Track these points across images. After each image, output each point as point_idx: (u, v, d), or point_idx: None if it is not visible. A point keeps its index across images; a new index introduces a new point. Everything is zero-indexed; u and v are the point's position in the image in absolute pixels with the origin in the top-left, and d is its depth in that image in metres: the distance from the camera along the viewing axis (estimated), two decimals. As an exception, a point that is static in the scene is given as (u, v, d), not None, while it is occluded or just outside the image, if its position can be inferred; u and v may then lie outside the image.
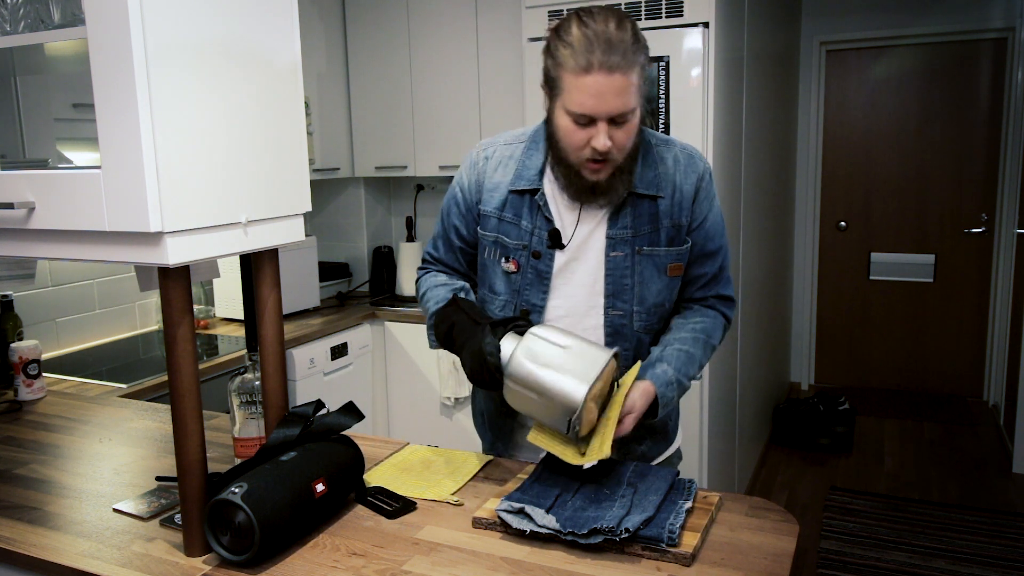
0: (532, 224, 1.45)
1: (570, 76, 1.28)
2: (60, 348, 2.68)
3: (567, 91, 1.30)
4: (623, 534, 1.15)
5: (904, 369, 4.85)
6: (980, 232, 4.56)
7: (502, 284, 1.49)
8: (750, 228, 3.39)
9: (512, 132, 1.55)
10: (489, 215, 1.49)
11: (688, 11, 2.57)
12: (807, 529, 3.22)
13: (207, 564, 1.17)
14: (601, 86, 1.26)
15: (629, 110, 1.30)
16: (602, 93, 1.27)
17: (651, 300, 1.46)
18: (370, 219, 3.87)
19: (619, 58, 1.25)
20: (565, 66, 1.29)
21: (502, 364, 1.28)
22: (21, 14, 1.21)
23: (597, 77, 1.26)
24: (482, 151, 1.53)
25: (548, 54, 1.34)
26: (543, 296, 1.46)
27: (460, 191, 1.53)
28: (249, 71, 1.19)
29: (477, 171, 1.51)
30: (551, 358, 1.26)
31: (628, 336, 1.47)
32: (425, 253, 1.63)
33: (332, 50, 3.53)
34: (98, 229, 1.11)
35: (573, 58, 1.27)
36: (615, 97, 1.27)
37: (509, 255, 1.47)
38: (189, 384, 1.16)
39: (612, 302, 1.45)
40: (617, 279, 1.44)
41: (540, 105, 1.46)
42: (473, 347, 1.30)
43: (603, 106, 1.28)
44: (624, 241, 1.43)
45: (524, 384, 1.26)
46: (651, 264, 1.44)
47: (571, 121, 1.32)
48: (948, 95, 4.53)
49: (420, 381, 3.37)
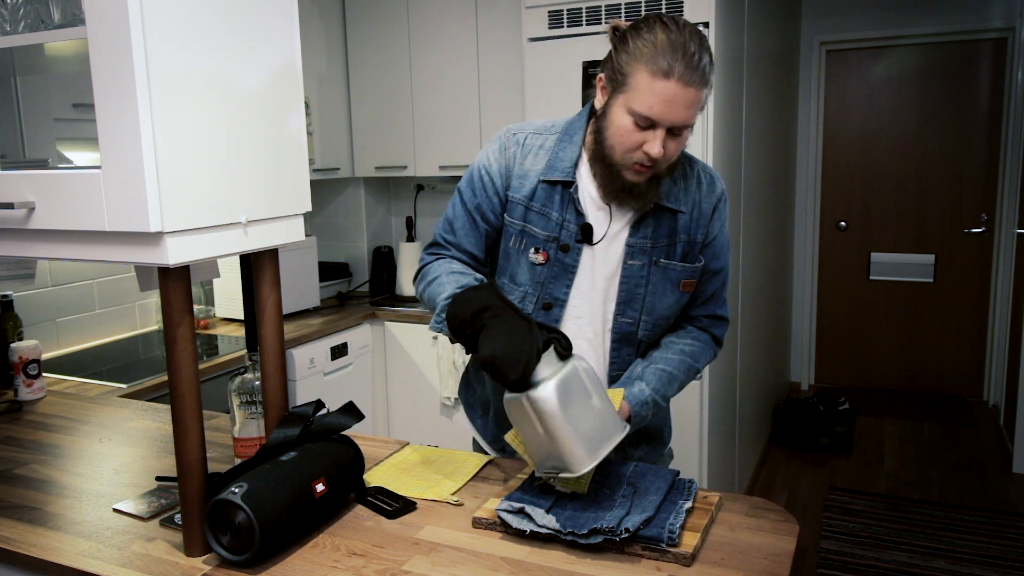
0: (562, 216, 1.43)
1: (646, 76, 1.27)
2: (60, 348, 2.68)
3: (637, 90, 1.28)
4: (623, 534, 1.15)
5: (904, 369, 4.85)
6: (980, 232, 4.56)
7: (526, 275, 1.46)
8: (750, 228, 3.39)
9: (540, 122, 1.52)
10: (517, 202, 1.45)
11: (688, 11, 2.57)
12: (807, 529, 3.22)
13: (207, 564, 1.17)
14: (675, 94, 1.26)
15: (690, 125, 1.31)
16: (674, 101, 1.26)
17: (660, 312, 1.47)
18: (370, 219, 3.87)
19: (699, 74, 1.26)
20: (643, 63, 1.27)
21: (534, 379, 1.19)
22: (21, 14, 1.21)
23: (674, 85, 1.25)
24: (512, 136, 1.49)
25: (623, 48, 1.31)
26: (566, 291, 1.45)
27: (487, 173, 1.47)
28: (249, 71, 1.19)
29: (507, 156, 1.47)
30: (577, 407, 1.20)
31: (632, 342, 1.48)
32: (438, 237, 1.52)
33: (332, 50, 3.53)
34: (98, 229, 1.11)
35: (654, 58, 1.25)
36: (684, 109, 1.27)
37: (539, 246, 1.44)
38: (189, 384, 1.16)
39: (623, 309, 1.45)
40: (631, 287, 1.45)
41: (540, 105, 1.46)
42: (519, 340, 1.17)
43: (670, 114, 1.27)
44: (643, 251, 1.44)
45: (539, 414, 1.19)
46: (665, 277, 1.45)
47: (631, 121, 1.30)
48: (948, 95, 4.53)
49: (420, 381, 3.37)
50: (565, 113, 1.53)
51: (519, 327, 1.19)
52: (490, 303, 1.24)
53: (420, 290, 1.48)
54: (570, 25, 2.76)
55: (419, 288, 1.49)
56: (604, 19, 2.69)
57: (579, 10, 2.73)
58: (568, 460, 1.19)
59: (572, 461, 1.19)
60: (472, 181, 1.49)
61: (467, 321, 1.24)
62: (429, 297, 1.43)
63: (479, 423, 1.66)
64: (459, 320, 1.25)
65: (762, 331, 3.88)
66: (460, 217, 1.49)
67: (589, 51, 2.72)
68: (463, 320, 1.24)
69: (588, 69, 2.71)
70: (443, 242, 1.51)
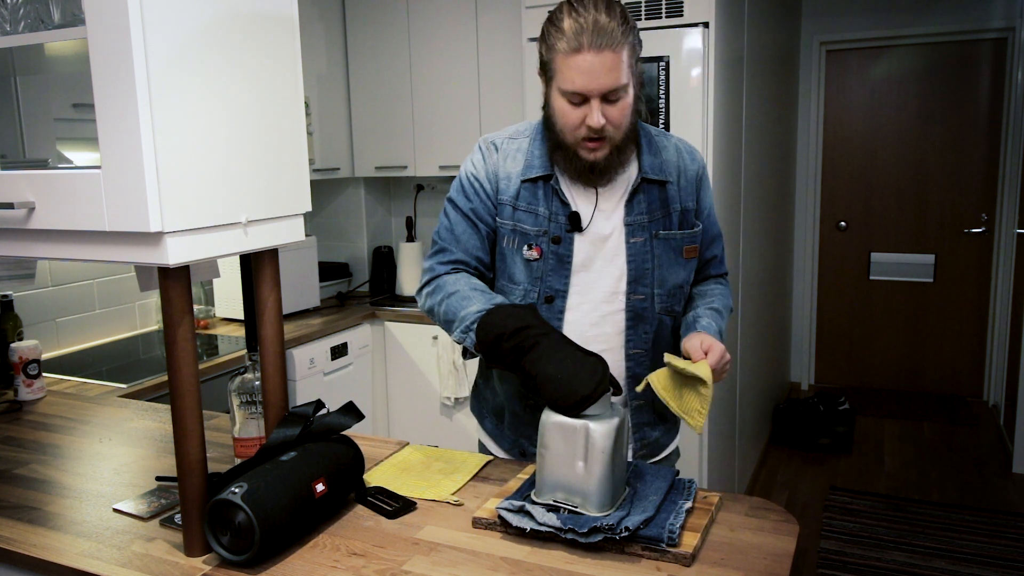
0: (548, 210, 1.46)
1: (561, 57, 1.34)
2: (60, 348, 2.68)
3: (559, 72, 1.36)
4: (623, 533, 1.15)
5: (904, 369, 4.85)
6: (980, 232, 4.56)
7: (522, 272, 1.48)
8: (750, 228, 3.39)
9: (512, 127, 1.57)
10: (505, 204, 1.49)
11: (688, 11, 2.57)
12: (807, 529, 3.22)
13: (207, 564, 1.17)
14: (591, 64, 1.32)
15: (620, 86, 1.34)
16: (592, 70, 1.32)
17: (671, 282, 1.51)
18: (370, 219, 3.87)
19: (607, 38, 1.31)
20: (557, 49, 1.35)
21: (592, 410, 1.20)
22: (21, 14, 1.21)
23: (587, 56, 1.31)
24: (489, 144, 1.53)
25: (542, 41, 1.40)
26: (565, 281, 1.47)
27: (476, 179, 1.50)
28: (249, 71, 1.19)
29: (490, 161, 1.51)
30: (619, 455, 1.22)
31: (649, 319, 1.50)
32: (442, 244, 1.51)
33: (332, 50, 3.53)
34: (98, 229, 1.11)
35: (564, 41, 1.33)
36: (606, 74, 1.32)
37: (531, 242, 1.47)
38: (189, 384, 1.16)
39: (634, 287, 1.48)
40: (639, 264, 1.48)
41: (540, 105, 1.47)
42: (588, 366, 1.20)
43: (594, 83, 1.33)
44: (642, 227, 1.47)
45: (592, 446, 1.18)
46: (668, 247, 1.50)
47: (566, 102, 1.37)
48: (948, 95, 4.53)
49: (420, 381, 3.37)
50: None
51: (583, 353, 1.23)
52: (533, 322, 1.27)
53: (433, 303, 1.46)
54: (570, 25, 2.75)
55: (431, 301, 1.47)
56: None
57: (579, 10, 2.73)
58: (592, 499, 1.20)
59: (596, 502, 1.20)
60: (463, 188, 1.52)
61: (506, 335, 1.25)
62: (448, 309, 1.41)
63: (494, 431, 1.64)
64: (496, 333, 1.26)
65: (762, 331, 3.88)
66: (459, 223, 1.50)
67: (589, 51, 2.71)
68: (501, 334, 1.26)
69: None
70: (449, 247, 1.50)
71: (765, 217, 3.81)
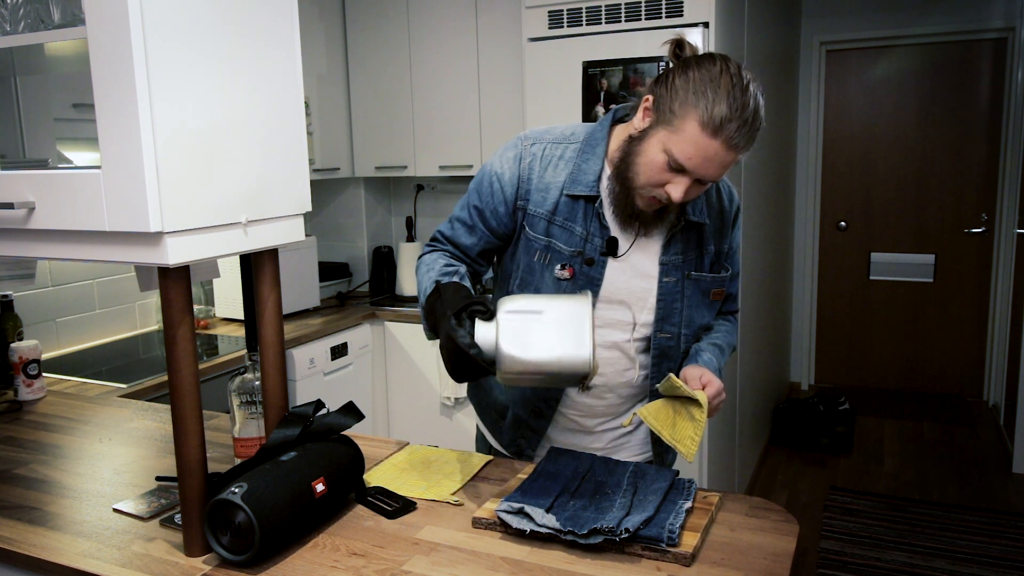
0: (586, 230, 1.42)
1: (695, 125, 1.23)
2: (60, 348, 2.68)
3: (679, 133, 1.25)
4: (623, 534, 1.15)
5: (904, 369, 4.85)
6: (980, 232, 4.56)
7: (551, 289, 1.45)
8: (750, 228, 3.39)
9: (559, 129, 1.48)
10: (539, 216, 1.43)
11: (688, 11, 2.57)
12: (807, 529, 3.22)
13: (207, 564, 1.17)
14: (716, 153, 1.24)
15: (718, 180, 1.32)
16: (712, 160, 1.25)
17: (697, 323, 1.50)
18: (370, 219, 3.87)
19: (745, 140, 1.24)
20: (692, 112, 1.23)
21: (486, 356, 1.19)
22: (21, 14, 1.21)
23: (719, 145, 1.23)
24: (529, 146, 1.45)
25: (680, 81, 1.26)
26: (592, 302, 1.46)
27: (498, 180, 1.45)
28: (249, 71, 1.19)
29: (522, 167, 1.44)
30: (535, 334, 1.19)
31: (674, 357, 1.50)
32: (437, 232, 1.52)
33: (332, 50, 3.53)
34: (98, 229, 1.11)
35: (708, 110, 1.21)
36: (720, 168, 1.27)
37: (565, 263, 1.43)
38: (189, 384, 1.16)
39: (661, 325, 1.46)
40: (668, 304, 1.46)
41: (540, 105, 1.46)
42: (449, 345, 1.19)
43: (704, 169, 1.26)
44: (676, 267, 1.45)
45: (522, 371, 1.19)
46: (697, 289, 1.48)
47: (664, 160, 1.28)
48: (948, 95, 4.53)
49: (420, 381, 3.37)
50: (566, 113, 1.53)
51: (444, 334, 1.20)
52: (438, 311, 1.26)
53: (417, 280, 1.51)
54: (570, 25, 2.76)
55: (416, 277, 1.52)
56: (604, 19, 2.69)
57: (579, 10, 2.73)
58: (574, 369, 1.19)
59: (576, 366, 1.18)
60: (481, 185, 1.47)
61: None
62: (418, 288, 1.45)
63: (495, 428, 1.64)
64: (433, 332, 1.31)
65: (762, 331, 3.88)
66: (463, 216, 1.49)
67: (589, 51, 2.72)
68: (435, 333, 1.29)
69: (588, 69, 2.71)
70: (441, 238, 1.52)
71: (765, 217, 3.81)
